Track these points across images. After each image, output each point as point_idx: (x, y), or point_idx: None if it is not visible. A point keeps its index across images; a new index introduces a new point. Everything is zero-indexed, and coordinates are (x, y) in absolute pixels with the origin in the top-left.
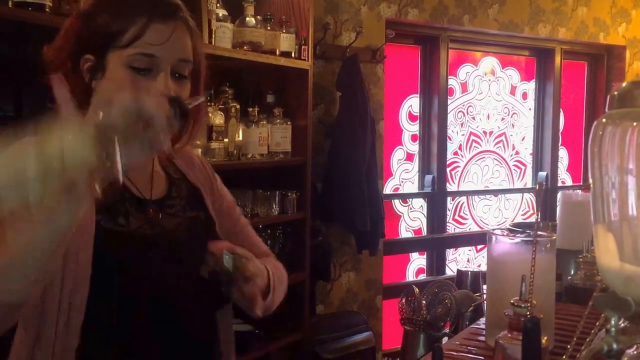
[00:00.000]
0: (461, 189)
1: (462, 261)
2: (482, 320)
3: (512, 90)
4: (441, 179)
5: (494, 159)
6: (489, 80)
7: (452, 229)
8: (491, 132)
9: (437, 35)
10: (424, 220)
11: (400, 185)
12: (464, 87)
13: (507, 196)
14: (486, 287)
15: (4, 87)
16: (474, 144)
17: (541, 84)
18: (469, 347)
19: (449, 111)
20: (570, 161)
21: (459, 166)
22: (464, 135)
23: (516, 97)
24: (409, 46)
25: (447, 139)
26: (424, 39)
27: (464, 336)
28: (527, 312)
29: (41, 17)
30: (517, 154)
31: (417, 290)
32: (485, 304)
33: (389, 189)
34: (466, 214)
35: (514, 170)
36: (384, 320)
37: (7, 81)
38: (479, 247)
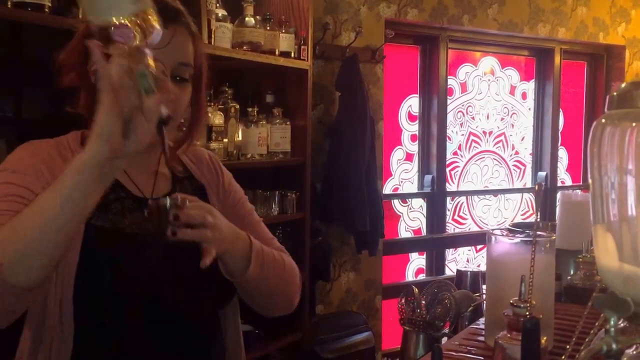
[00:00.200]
0: (461, 189)
1: (461, 261)
2: (482, 320)
3: (512, 90)
4: (441, 179)
5: (494, 159)
6: (489, 80)
7: (451, 229)
8: (491, 132)
9: (437, 35)
10: (424, 220)
11: (399, 185)
12: (464, 87)
13: (507, 196)
14: (486, 287)
15: (3, 88)
16: (474, 144)
17: (541, 83)
18: (468, 347)
19: (448, 111)
20: (569, 161)
21: (458, 166)
22: (463, 135)
23: (516, 97)
24: (409, 46)
25: (447, 139)
26: (423, 39)
27: (463, 336)
28: (527, 313)
29: (40, 18)
30: (517, 154)
31: (416, 290)
32: (484, 304)
33: (388, 189)
34: (466, 214)
35: (514, 170)
36: (383, 320)
37: (6, 81)
38: (479, 247)
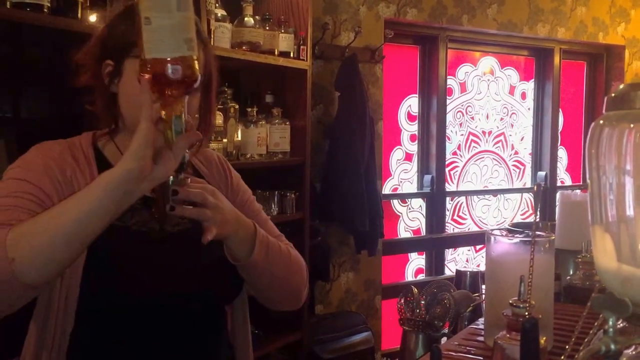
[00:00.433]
0: (460, 189)
1: (461, 261)
2: (481, 320)
3: (511, 90)
4: (440, 179)
5: (493, 159)
6: (488, 80)
7: (451, 229)
8: (490, 132)
9: (436, 35)
10: (423, 220)
11: (399, 185)
12: (463, 87)
13: (506, 196)
14: (485, 288)
15: (2, 88)
16: (473, 144)
17: (540, 83)
18: (467, 348)
19: (447, 111)
20: (569, 161)
21: (457, 166)
22: (462, 135)
23: (515, 97)
24: (408, 46)
25: (446, 138)
26: (422, 39)
27: (462, 336)
28: (526, 313)
29: (39, 18)
30: (516, 153)
31: (415, 290)
32: (484, 304)
33: (387, 189)
34: (465, 214)
35: (513, 170)
36: (382, 320)
37: (5, 82)
38: (478, 247)
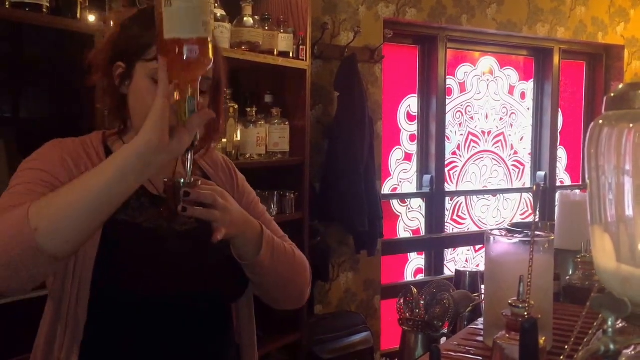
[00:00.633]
0: (459, 189)
1: (460, 261)
2: (480, 320)
3: (511, 90)
4: (439, 179)
5: (493, 159)
6: (488, 80)
7: (450, 229)
8: (489, 132)
9: (436, 35)
10: (423, 220)
11: (398, 185)
12: (463, 87)
13: (506, 196)
14: (484, 288)
15: (2, 88)
16: (473, 144)
17: (540, 83)
18: (467, 348)
19: (447, 111)
20: (568, 161)
21: (457, 166)
22: (462, 135)
23: (514, 97)
24: (407, 46)
25: (446, 138)
26: (422, 39)
27: (462, 336)
28: (525, 313)
29: (38, 18)
30: (516, 153)
31: (415, 290)
32: (483, 304)
33: (387, 189)
34: (464, 214)
35: (513, 170)
36: (382, 320)
37: (4, 82)
38: (478, 247)
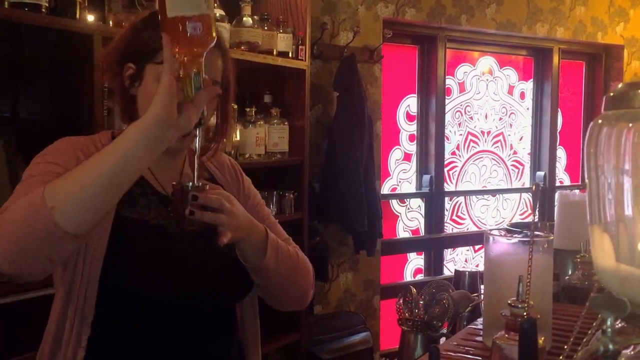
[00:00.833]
0: (459, 189)
1: (459, 261)
2: (480, 320)
3: (510, 90)
4: (439, 179)
5: (492, 159)
6: (487, 80)
7: (449, 229)
8: (489, 132)
9: (435, 35)
10: (422, 220)
11: (397, 185)
12: (462, 87)
13: (505, 196)
14: (483, 288)
15: (1, 88)
16: (472, 144)
17: (539, 83)
18: (466, 348)
19: (446, 111)
20: (568, 161)
21: (456, 166)
22: (461, 135)
23: (514, 97)
24: (407, 46)
25: (445, 138)
26: (421, 39)
27: (461, 337)
28: (524, 313)
29: (37, 18)
30: (515, 153)
31: (414, 290)
32: (482, 304)
33: (386, 189)
34: (464, 214)
35: (512, 170)
36: (381, 320)
37: (3, 82)
38: (477, 247)
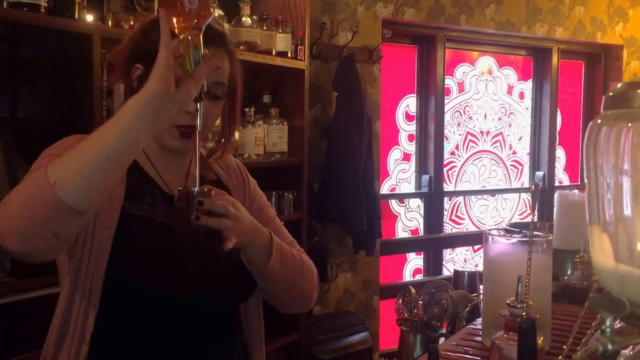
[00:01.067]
0: (458, 189)
1: (459, 261)
2: (479, 320)
3: (509, 89)
4: (438, 179)
5: (491, 159)
6: (486, 79)
7: (449, 229)
8: (488, 132)
9: (434, 34)
10: (421, 220)
11: (397, 185)
12: (461, 87)
13: (504, 196)
14: (483, 288)
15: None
16: (471, 144)
17: (538, 83)
18: (465, 348)
19: (445, 111)
20: (567, 161)
21: (455, 166)
22: (460, 135)
23: (513, 97)
24: (406, 46)
25: (444, 138)
26: (420, 39)
27: (460, 337)
28: (523, 313)
29: (36, 18)
30: (514, 153)
31: (413, 290)
32: (481, 304)
33: (385, 189)
34: (463, 214)
35: (511, 170)
36: (380, 320)
37: (2, 82)
38: (476, 247)
